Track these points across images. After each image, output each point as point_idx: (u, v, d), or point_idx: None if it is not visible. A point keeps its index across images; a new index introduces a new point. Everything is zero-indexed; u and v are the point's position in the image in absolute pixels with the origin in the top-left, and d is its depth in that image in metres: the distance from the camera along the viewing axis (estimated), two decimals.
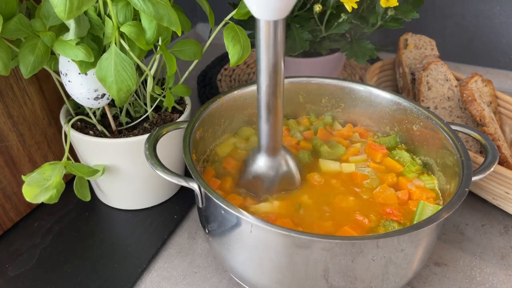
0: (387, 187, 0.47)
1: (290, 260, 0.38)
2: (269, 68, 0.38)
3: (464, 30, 0.90)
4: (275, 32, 0.36)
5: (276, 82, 0.40)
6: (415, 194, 0.47)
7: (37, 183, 0.46)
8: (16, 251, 0.52)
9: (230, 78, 0.90)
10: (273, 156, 0.45)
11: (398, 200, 0.46)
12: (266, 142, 0.44)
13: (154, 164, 0.43)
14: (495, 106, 0.68)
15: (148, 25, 0.43)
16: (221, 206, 0.39)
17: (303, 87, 0.57)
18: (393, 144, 0.54)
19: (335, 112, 0.58)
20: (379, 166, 0.51)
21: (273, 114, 0.42)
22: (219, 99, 0.52)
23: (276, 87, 0.40)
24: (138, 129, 0.54)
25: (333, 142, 0.54)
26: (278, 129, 0.43)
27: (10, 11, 0.40)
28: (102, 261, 0.51)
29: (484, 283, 0.50)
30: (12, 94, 0.51)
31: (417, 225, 0.37)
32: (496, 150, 0.46)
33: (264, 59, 0.38)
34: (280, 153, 0.46)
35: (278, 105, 0.41)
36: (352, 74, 0.90)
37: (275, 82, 0.40)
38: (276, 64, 0.38)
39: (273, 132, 0.43)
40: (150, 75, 0.50)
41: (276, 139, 0.44)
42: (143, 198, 0.58)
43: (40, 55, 0.42)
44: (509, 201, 0.56)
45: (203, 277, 0.50)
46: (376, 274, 0.39)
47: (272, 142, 0.44)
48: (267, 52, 0.37)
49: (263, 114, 0.42)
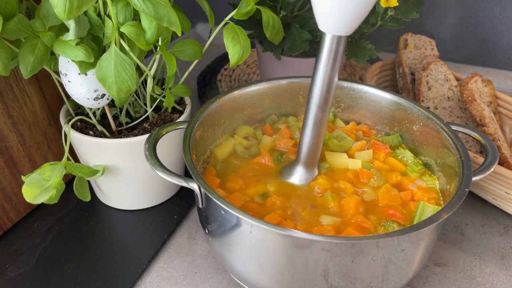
0: (391, 188, 0.47)
1: (290, 260, 0.38)
2: (324, 82, 0.39)
3: (464, 30, 0.90)
4: (337, 47, 0.37)
5: (328, 97, 0.41)
6: (417, 195, 0.47)
7: (37, 184, 0.46)
8: (16, 251, 0.52)
9: (230, 78, 0.90)
10: (311, 169, 0.47)
11: (401, 200, 0.46)
12: (306, 155, 0.45)
13: (154, 164, 0.43)
14: (495, 106, 0.68)
15: (148, 25, 0.43)
16: (221, 207, 0.39)
17: (303, 87, 0.57)
18: (396, 143, 0.54)
19: (335, 112, 0.58)
20: (383, 165, 0.51)
21: (318, 127, 0.43)
22: (219, 99, 0.52)
23: (327, 102, 0.41)
24: (138, 129, 0.54)
25: (340, 133, 0.54)
26: (320, 143, 0.44)
27: (10, 11, 0.40)
28: (102, 261, 0.51)
29: (484, 283, 0.50)
30: (12, 95, 0.51)
31: (417, 225, 0.37)
32: (496, 150, 0.46)
33: (322, 73, 0.39)
34: (316, 169, 0.47)
35: (324, 120, 0.43)
36: (352, 74, 0.90)
37: (327, 97, 0.41)
38: (331, 79, 0.39)
39: (315, 145, 0.44)
40: (150, 75, 0.50)
41: (316, 153, 0.45)
42: (143, 198, 0.58)
43: (40, 56, 0.42)
44: (509, 201, 0.56)
45: (203, 277, 0.50)
46: (376, 274, 0.39)
47: (312, 156, 0.45)
48: (326, 66, 0.38)
49: (308, 127, 0.43)
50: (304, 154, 0.45)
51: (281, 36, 0.54)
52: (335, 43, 0.37)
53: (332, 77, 0.39)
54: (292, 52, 0.63)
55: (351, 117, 0.58)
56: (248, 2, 0.49)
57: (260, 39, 0.68)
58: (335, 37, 0.37)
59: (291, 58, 0.68)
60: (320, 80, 0.40)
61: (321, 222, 0.44)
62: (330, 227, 0.43)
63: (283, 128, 0.56)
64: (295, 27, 0.64)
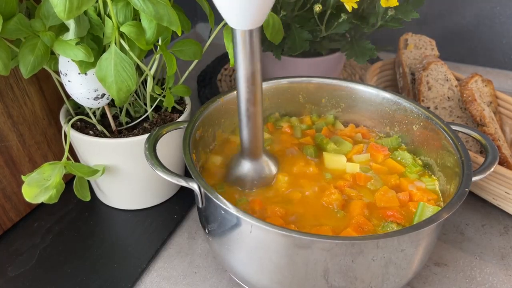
0: (388, 190, 0.47)
1: (290, 260, 0.38)
2: (247, 76, 0.39)
3: (464, 30, 0.90)
4: (251, 41, 0.37)
5: (255, 90, 0.40)
6: (416, 195, 0.47)
7: (37, 183, 0.46)
8: (16, 251, 0.52)
9: (230, 78, 0.90)
10: (255, 160, 0.47)
11: (399, 202, 0.46)
12: (247, 147, 0.45)
13: (154, 164, 0.43)
14: (495, 106, 0.68)
15: (148, 25, 0.43)
16: (221, 206, 0.38)
17: (303, 87, 0.57)
18: (395, 145, 0.54)
19: (335, 112, 0.58)
20: (381, 167, 0.51)
21: (253, 120, 0.42)
22: (219, 99, 0.52)
23: (255, 95, 0.41)
24: (138, 129, 0.54)
25: (338, 138, 0.54)
26: (258, 135, 0.44)
27: (10, 11, 0.40)
28: (102, 261, 0.51)
29: (484, 283, 0.50)
30: (12, 94, 0.51)
31: (417, 225, 0.37)
32: (496, 150, 0.46)
33: (242, 68, 0.38)
34: (262, 158, 0.47)
35: (257, 113, 0.42)
36: (352, 74, 0.90)
37: (254, 90, 0.40)
38: (254, 72, 0.39)
39: (253, 137, 0.44)
40: (150, 75, 0.50)
41: (256, 145, 0.45)
42: (143, 198, 0.58)
43: (40, 55, 0.42)
44: (509, 201, 0.56)
45: (203, 277, 0.50)
46: (376, 274, 0.39)
47: (252, 148, 0.45)
48: (244, 61, 0.38)
49: (243, 121, 0.43)
50: (246, 146, 0.45)
51: (281, 36, 0.54)
52: (247, 37, 0.36)
53: (255, 71, 0.39)
54: (292, 52, 0.63)
55: (351, 117, 0.58)
56: None
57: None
58: (246, 32, 0.36)
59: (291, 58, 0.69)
60: (242, 76, 0.39)
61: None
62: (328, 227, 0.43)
63: (285, 127, 0.56)
64: (295, 27, 0.64)
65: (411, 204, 0.46)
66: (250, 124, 0.43)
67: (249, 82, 0.39)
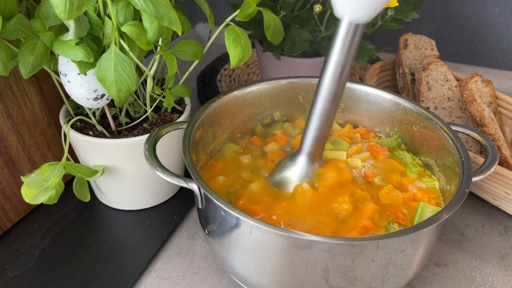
0: (393, 189, 0.47)
1: (290, 261, 0.38)
2: (336, 71, 0.38)
3: (464, 30, 0.90)
4: (354, 35, 0.36)
5: (338, 87, 0.39)
6: (416, 196, 0.47)
7: (36, 184, 0.46)
8: (15, 252, 0.52)
9: (230, 78, 0.90)
10: (313, 162, 0.46)
11: (402, 201, 0.46)
12: (310, 145, 0.44)
13: (154, 164, 0.43)
14: (495, 107, 0.68)
15: (150, 25, 0.43)
16: (220, 207, 0.38)
17: (303, 87, 0.57)
18: (395, 145, 0.54)
19: None
20: (383, 165, 0.51)
21: (325, 118, 0.42)
22: (219, 99, 0.52)
23: (336, 92, 0.40)
24: (138, 129, 0.54)
25: (336, 138, 0.54)
26: (325, 135, 0.43)
27: (10, 11, 0.40)
28: (101, 262, 0.51)
29: (484, 283, 0.50)
30: (12, 95, 0.51)
31: (417, 226, 0.37)
32: (496, 151, 0.46)
33: (334, 62, 0.38)
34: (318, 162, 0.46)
35: (332, 111, 0.41)
36: (352, 74, 0.90)
37: (337, 87, 0.39)
38: (344, 69, 0.38)
39: (320, 136, 0.43)
40: (150, 76, 0.50)
41: (321, 145, 0.44)
42: (143, 198, 0.58)
43: (40, 56, 0.42)
44: (509, 202, 0.56)
45: (203, 278, 0.50)
46: (376, 275, 0.39)
47: (316, 147, 0.44)
48: (340, 54, 0.37)
49: (315, 118, 0.42)
50: (309, 145, 0.44)
51: (282, 37, 0.54)
52: (352, 31, 0.36)
53: (345, 66, 0.38)
54: (292, 52, 0.63)
55: (350, 117, 0.58)
56: (250, 4, 0.49)
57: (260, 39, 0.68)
58: (352, 24, 0.35)
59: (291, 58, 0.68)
60: (331, 70, 0.38)
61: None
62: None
63: (279, 134, 0.56)
64: (295, 27, 0.64)
65: (414, 204, 0.46)
66: (321, 121, 0.42)
67: (336, 77, 0.39)
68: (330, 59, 0.38)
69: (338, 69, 0.38)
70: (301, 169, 0.46)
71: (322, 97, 0.40)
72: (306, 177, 0.46)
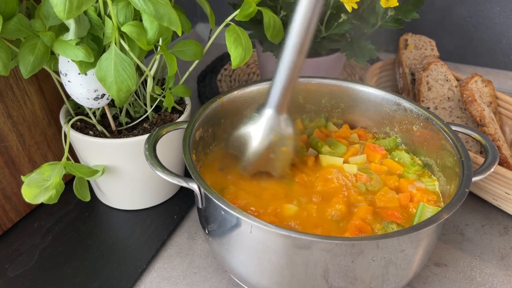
0: (389, 190, 0.47)
1: (290, 261, 0.38)
2: (305, 21, 0.40)
3: (464, 30, 0.90)
4: None
5: (305, 40, 0.41)
6: (416, 196, 0.47)
7: (36, 184, 0.46)
8: (15, 252, 0.52)
9: (230, 78, 0.90)
10: (278, 114, 0.46)
11: (399, 203, 0.46)
12: (276, 97, 0.45)
13: (154, 164, 0.43)
14: (495, 107, 0.68)
15: (150, 25, 0.43)
16: (221, 207, 0.38)
17: (303, 87, 0.57)
18: (393, 146, 0.54)
19: (334, 112, 0.58)
20: (381, 166, 0.51)
21: (292, 70, 0.43)
22: (219, 99, 0.52)
23: (304, 45, 0.42)
24: (138, 129, 0.54)
25: (333, 140, 0.54)
26: (291, 88, 0.45)
27: (10, 11, 0.40)
28: (101, 262, 0.51)
29: (484, 283, 0.50)
30: (12, 94, 0.51)
31: (417, 226, 0.37)
32: (496, 151, 0.46)
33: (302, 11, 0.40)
34: (284, 115, 0.46)
35: (299, 64, 0.43)
36: (352, 74, 0.90)
37: (304, 39, 0.41)
38: (312, 18, 0.40)
39: (286, 88, 0.44)
40: (150, 76, 0.50)
41: (286, 97, 0.45)
42: (143, 198, 0.58)
43: (40, 55, 0.42)
44: (509, 202, 0.56)
45: (203, 278, 0.50)
46: (376, 275, 0.39)
47: (282, 99, 0.45)
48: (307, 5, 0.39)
49: (283, 71, 0.43)
50: (275, 97, 0.45)
51: (282, 37, 0.54)
52: None
53: (313, 17, 0.40)
54: None
55: (350, 117, 0.58)
56: (250, 4, 0.49)
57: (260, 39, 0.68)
58: None
59: None
60: (300, 19, 0.40)
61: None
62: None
63: None
64: None
65: (411, 205, 0.46)
66: (288, 73, 0.43)
67: (304, 29, 0.41)
68: (299, 10, 0.40)
69: (307, 20, 0.40)
70: (267, 120, 0.46)
71: (289, 49, 0.42)
72: (271, 130, 0.46)
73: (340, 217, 0.44)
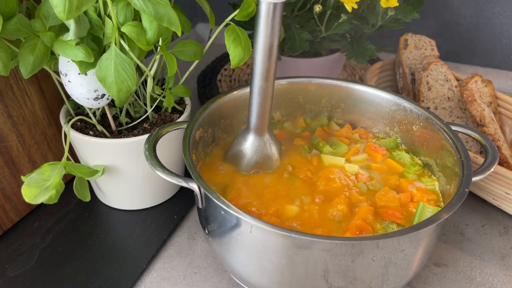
0: (389, 190, 0.47)
1: (290, 261, 0.38)
2: (264, 50, 0.41)
3: (464, 30, 0.90)
4: (274, 14, 0.39)
5: (269, 65, 0.42)
6: (416, 196, 0.47)
7: (36, 184, 0.46)
8: (15, 251, 0.52)
9: (230, 78, 0.90)
10: (260, 136, 0.48)
11: (400, 202, 0.46)
12: (254, 121, 0.47)
13: (154, 164, 0.43)
14: (495, 107, 0.68)
15: (149, 25, 0.43)
16: (221, 207, 0.38)
17: (303, 87, 0.57)
18: (394, 145, 0.54)
19: (334, 112, 0.58)
20: (381, 166, 0.51)
21: (263, 95, 0.44)
22: (219, 99, 0.52)
23: (269, 71, 0.42)
24: (138, 129, 0.54)
25: (334, 140, 0.54)
26: (266, 111, 0.46)
27: (10, 11, 0.40)
28: (101, 262, 0.51)
29: (484, 283, 0.50)
30: (12, 95, 0.51)
31: (417, 225, 0.37)
32: (496, 151, 0.46)
33: (261, 41, 0.40)
34: (266, 136, 0.48)
35: (268, 88, 0.44)
36: (352, 74, 0.90)
37: (269, 65, 0.42)
38: (271, 47, 0.41)
39: (261, 113, 0.46)
40: (150, 76, 0.50)
41: (263, 120, 0.47)
42: (143, 198, 0.58)
43: (40, 55, 0.42)
44: (509, 202, 0.56)
45: (203, 278, 0.50)
46: (376, 275, 0.39)
47: (260, 123, 0.47)
48: (264, 33, 0.40)
49: (254, 95, 0.44)
50: (253, 121, 0.47)
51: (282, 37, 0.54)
52: (271, 11, 0.39)
53: (272, 45, 0.41)
54: (292, 52, 0.63)
55: (350, 117, 0.58)
56: (250, 4, 0.49)
57: None
58: (271, 5, 0.38)
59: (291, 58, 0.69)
60: (260, 49, 0.41)
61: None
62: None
63: (279, 133, 0.56)
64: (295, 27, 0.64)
65: (411, 205, 0.46)
66: (260, 98, 0.44)
67: (265, 56, 0.41)
68: (257, 40, 0.41)
69: (266, 48, 0.41)
70: (251, 144, 0.49)
71: (256, 76, 0.43)
72: (256, 153, 0.49)
73: (342, 217, 0.44)
